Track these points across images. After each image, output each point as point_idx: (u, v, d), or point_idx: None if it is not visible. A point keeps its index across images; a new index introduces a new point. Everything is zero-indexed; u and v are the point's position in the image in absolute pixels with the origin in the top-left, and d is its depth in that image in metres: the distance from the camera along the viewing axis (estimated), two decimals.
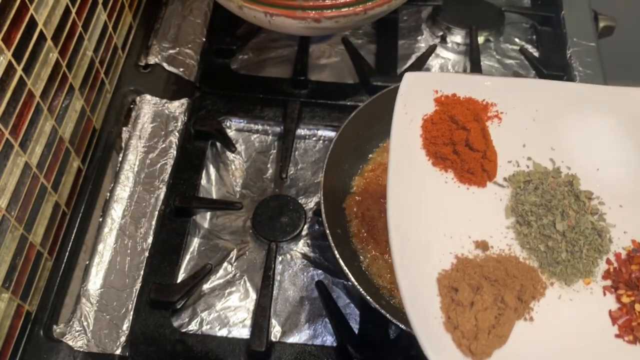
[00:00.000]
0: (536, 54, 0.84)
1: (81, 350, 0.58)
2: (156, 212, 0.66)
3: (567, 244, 0.48)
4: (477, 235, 0.48)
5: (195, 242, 0.67)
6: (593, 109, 0.56)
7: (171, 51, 0.80)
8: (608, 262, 0.49)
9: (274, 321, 0.62)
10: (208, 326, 0.61)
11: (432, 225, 0.48)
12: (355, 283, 0.56)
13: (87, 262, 0.63)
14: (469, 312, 0.43)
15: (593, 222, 0.50)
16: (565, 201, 0.50)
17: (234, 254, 0.66)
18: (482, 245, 0.48)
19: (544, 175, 0.52)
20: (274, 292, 0.62)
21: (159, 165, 0.70)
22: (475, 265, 0.46)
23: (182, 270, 0.65)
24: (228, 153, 0.73)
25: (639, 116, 0.56)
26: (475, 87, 0.54)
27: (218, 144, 0.73)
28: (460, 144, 0.51)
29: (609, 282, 0.48)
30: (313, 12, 0.68)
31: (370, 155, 0.69)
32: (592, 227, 0.49)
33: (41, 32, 0.56)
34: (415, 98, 0.53)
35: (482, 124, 0.52)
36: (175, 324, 0.61)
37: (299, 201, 0.68)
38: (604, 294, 0.47)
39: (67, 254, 0.63)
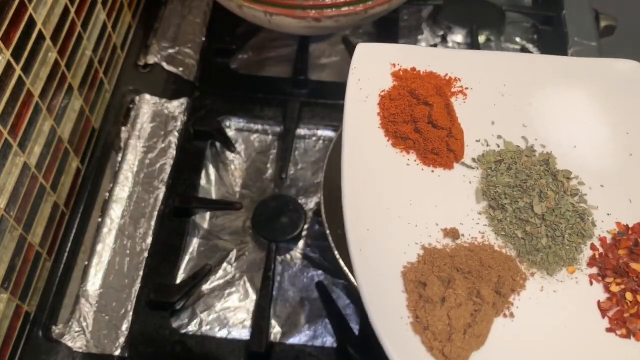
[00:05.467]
0: (537, 54, 0.84)
1: (80, 350, 0.58)
2: (155, 212, 0.66)
3: (547, 229, 0.44)
4: (445, 223, 0.43)
5: (195, 243, 0.66)
6: (567, 83, 0.51)
7: (170, 50, 0.79)
8: (593, 247, 0.44)
9: (273, 322, 0.61)
10: (207, 327, 0.61)
11: (394, 213, 0.43)
12: (356, 283, 0.55)
13: (86, 263, 0.63)
14: (440, 309, 0.38)
15: (573, 203, 0.45)
16: (542, 181, 0.45)
17: (233, 254, 0.65)
18: (452, 233, 0.43)
19: (517, 154, 0.47)
20: (274, 292, 0.62)
21: (158, 165, 0.69)
22: (445, 256, 0.41)
23: (181, 271, 0.64)
24: (228, 153, 0.73)
25: (617, 88, 0.52)
26: (436, 61, 0.50)
27: (217, 144, 0.73)
28: (422, 121, 0.46)
29: (595, 270, 0.44)
30: (313, 11, 0.67)
31: None
32: (573, 209, 0.45)
33: (40, 31, 0.56)
34: (370, 72, 0.48)
35: (445, 99, 0.47)
36: (175, 324, 0.60)
37: (299, 201, 0.68)
38: (591, 283, 0.43)
39: (66, 254, 0.63)
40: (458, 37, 0.84)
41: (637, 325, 0.41)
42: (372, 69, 0.49)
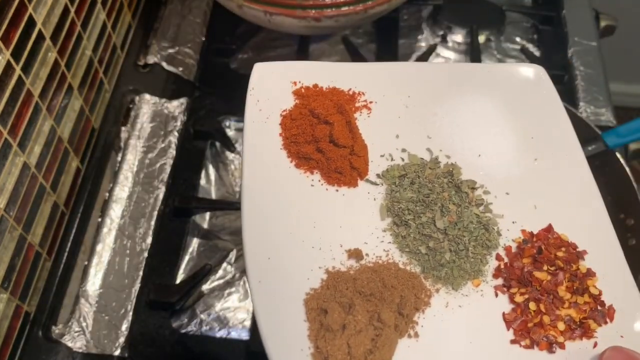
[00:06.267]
0: (537, 54, 0.84)
1: (80, 351, 0.57)
2: (155, 213, 0.66)
3: (450, 243, 0.42)
4: (350, 244, 0.42)
5: (195, 243, 0.66)
6: (472, 90, 0.51)
7: (170, 50, 0.79)
8: (498, 257, 0.43)
9: None
10: (207, 327, 0.61)
11: (298, 237, 0.42)
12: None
13: (86, 263, 0.63)
14: (341, 338, 0.37)
15: (478, 214, 0.44)
16: (444, 194, 0.44)
17: (233, 254, 0.65)
18: (356, 254, 0.41)
19: (421, 167, 0.46)
20: None
21: (158, 165, 0.69)
22: (348, 279, 0.39)
23: (181, 271, 0.64)
24: (227, 153, 0.73)
25: (521, 94, 0.51)
26: (339, 76, 0.49)
27: (217, 144, 0.73)
28: (324, 141, 0.45)
29: (500, 281, 0.42)
30: (313, 11, 0.67)
31: None
32: (477, 221, 0.44)
33: (40, 31, 0.56)
34: (270, 92, 0.47)
35: (347, 116, 0.46)
36: (175, 324, 0.60)
37: None
38: (496, 295, 0.42)
39: (66, 254, 0.63)
40: (458, 37, 0.84)
41: (540, 335, 0.40)
42: (272, 88, 0.47)
